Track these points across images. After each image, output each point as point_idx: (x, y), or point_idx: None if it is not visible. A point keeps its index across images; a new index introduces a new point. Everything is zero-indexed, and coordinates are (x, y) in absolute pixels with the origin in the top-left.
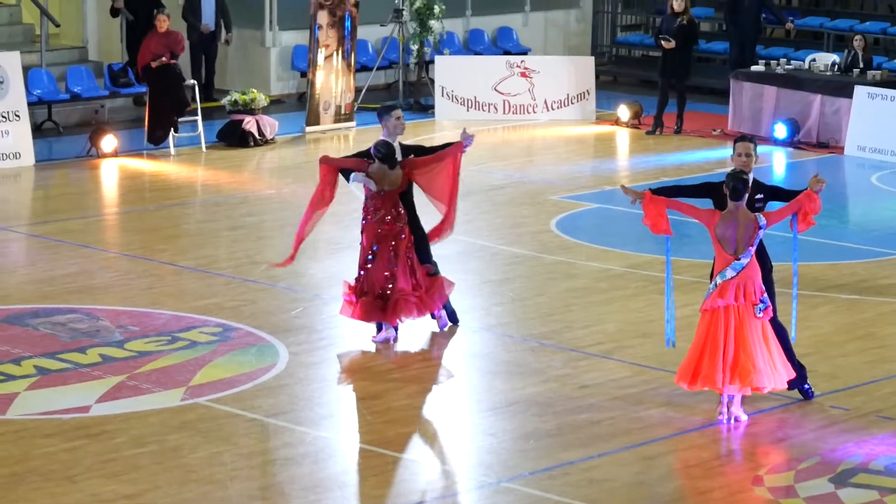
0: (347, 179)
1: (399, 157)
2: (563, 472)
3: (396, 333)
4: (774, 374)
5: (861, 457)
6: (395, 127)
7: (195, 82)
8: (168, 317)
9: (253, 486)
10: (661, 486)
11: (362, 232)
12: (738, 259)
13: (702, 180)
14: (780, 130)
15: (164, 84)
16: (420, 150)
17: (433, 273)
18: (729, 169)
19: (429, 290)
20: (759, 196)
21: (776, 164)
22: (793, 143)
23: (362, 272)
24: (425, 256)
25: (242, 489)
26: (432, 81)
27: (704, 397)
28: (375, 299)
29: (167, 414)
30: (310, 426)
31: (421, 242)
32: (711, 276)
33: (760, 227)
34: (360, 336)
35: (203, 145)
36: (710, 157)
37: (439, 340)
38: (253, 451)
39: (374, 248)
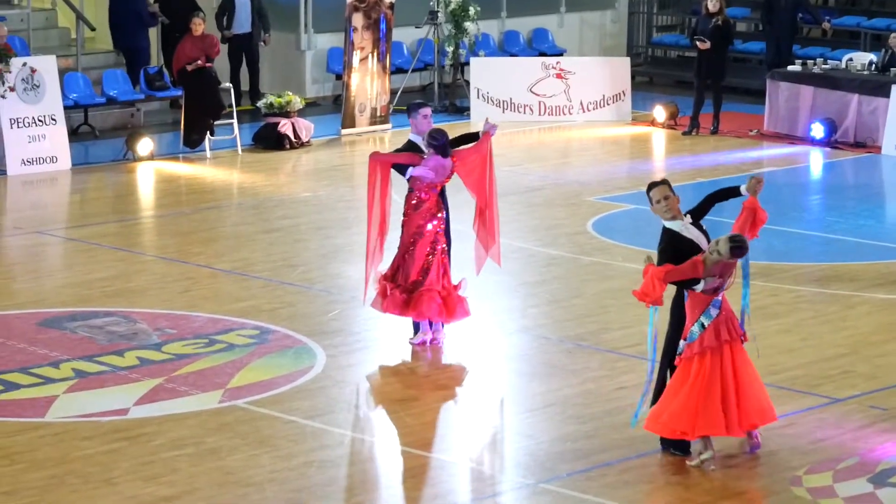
0: (402, 173)
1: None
2: (601, 474)
3: (437, 336)
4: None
5: None
6: (422, 124)
7: (231, 85)
8: (205, 319)
9: (291, 488)
10: (699, 487)
11: (402, 225)
12: (717, 296)
13: (735, 183)
14: (817, 130)
15: (199, 87)
16: (458, 140)
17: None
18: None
19: (455, 299)
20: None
21: (813, 165)
22: (830, 142)
23: (399, 262)
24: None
25: (280, 491)
26: (468, 83)
27: None
28: (402, 293)
29: (205, 416)
30: (347, 428)
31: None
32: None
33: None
34: (397, 338)
35: (239, 148)
36: (746, 158)
37: (476, 342)
38: (291, 453)
39: (414, 242)
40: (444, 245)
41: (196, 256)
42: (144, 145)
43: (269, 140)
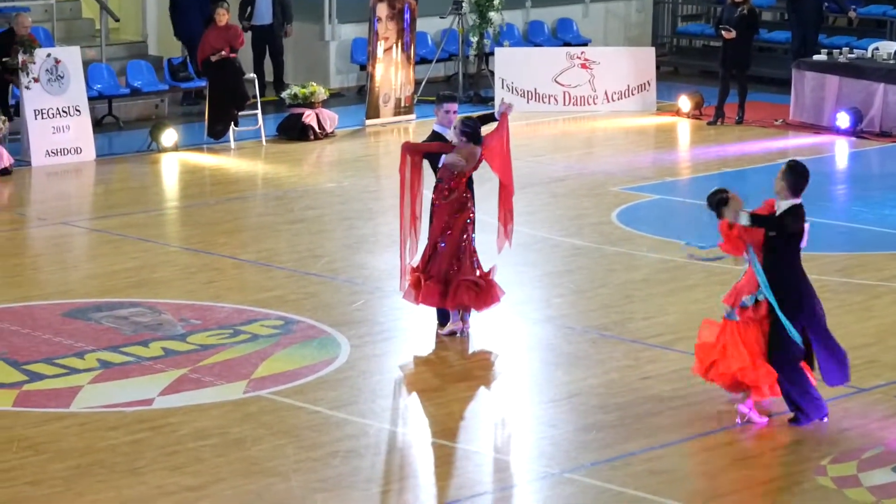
0: (435, 162)
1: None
2: (625, 463)
3: (465, 326)
4: None
5: None
6: (444, 119)
7: (255, 76)
8: (230, 310)
9: (315, 477)
10: (724, 477)
11: (432, 215)
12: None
13: (760, 171)
14: (843, 120)
15: (223, 78)
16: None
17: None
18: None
19: (488, 286)
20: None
21: (839, 154)
22: (855, 132)
23: (431, 252)
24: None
25: (305, 481)
26: (492, 73)
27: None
28: (437, 284)
29: (230, 407)
30: (372, 418)
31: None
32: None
33: None
34: (422, 327)
35: (263, 139)
36: (771, 148)
37: (500, 332)
38: (315, 443)
39: (445, 233)
40: (473, 234)
41: (220, 247)
42: (169, 136)
43: (294, 131)
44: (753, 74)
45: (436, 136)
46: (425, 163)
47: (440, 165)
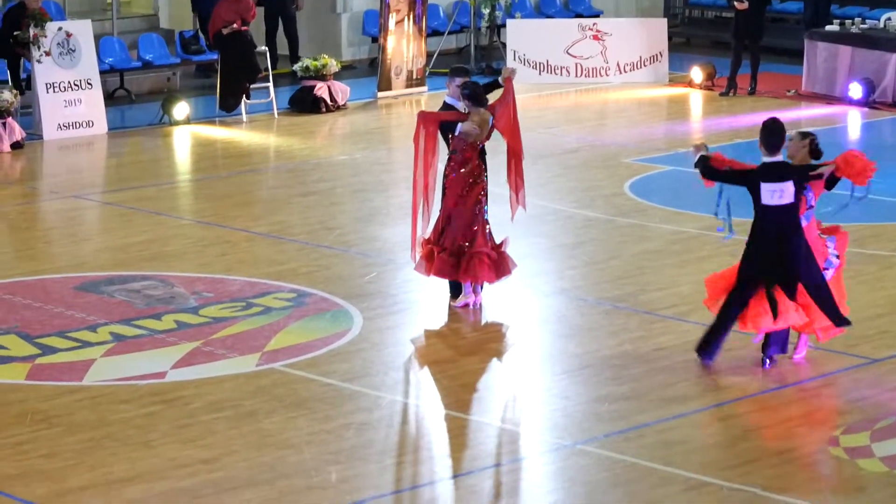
0: (446, 133)
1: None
2: (639, 435)
3: (477, 299)
4: None
5: None
6: (455, 93)
7: (266, 49)
8: (242, 283)
9: (328, 450)
10: (737, 447)
11: (445, 188)
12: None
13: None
14: (855, 90)
15: (235, 51)
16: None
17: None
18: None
19: (500, 258)
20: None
21: (851, 125)
22: (868, 102)
23: (444, 224)
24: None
25: (318, 453)
26: (504, 45)
27: (780, 359)
28: (450, 256)
29: (242, 379)
30: (385, 390)
31: None
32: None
33: None
34: (434, 300)
35: (275, 112)
36: (783, 119)
37: (513, 304)
38: (328, 415)
39: (458, 205)
40: (486, 206)
41: (233, 220)
42: (180, 109)
43: (305, 103)
44: (766, 45)
45: (447, 108)
46: (440, 135)
47: (455, 135)
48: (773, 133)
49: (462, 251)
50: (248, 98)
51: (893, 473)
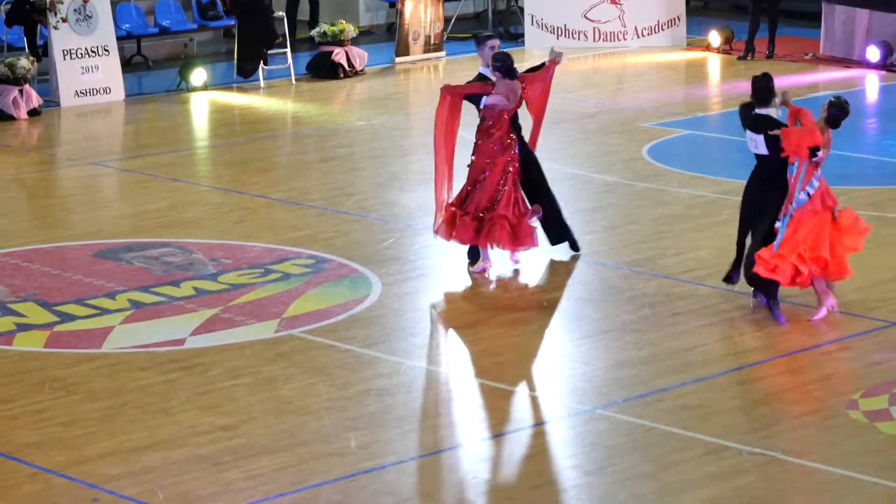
0: (476, 104)
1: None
2: (657, 399)
3: (487, 265)
4: None
5: None
6: (488, 57)
7: (284, 14)
8: (260, 249)
9: (348, 416)
10: (756, 412)
11: (474, 153)
12: (819, 170)
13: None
14: (873, 53)
15: (252, 16)
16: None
17: (539, 216)
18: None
19: (524, 227)
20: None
21: (869, 88)
22: (885, 65)
23: (469, 189)
24: (534, 194)
25: (337, 419)
26: (522, 10)
27: (798, 322)
28: (472, 220)
29: (261, 346)
30: (403, 356)
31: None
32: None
33: None
34: (453, 265)
35: (293, 77)
36: (801, 82)
37: (531, 270)
38: (347, 381)
39: (485, 171)
40: (516, 175)
41: (251, 186)
42: (198, 75)
43: (323, 69)
44: (783, 9)
45: (480, 78)
46: (465, 105)
47: (482, 106)
48: (758, 87)
49: (484, 216)
50: (265, 64)
51: None
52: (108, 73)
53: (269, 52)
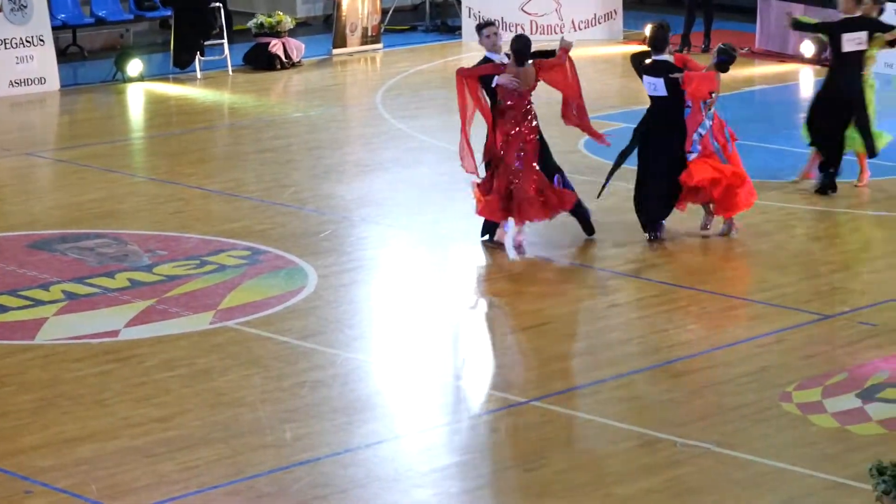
0: (487, 86)
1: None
2: (593, 391)
3: (519, 237)
4: None
5: (889, 372)
6: (486, 42)
7: (221, 5)
8: (196, 241)
9: (283, 408)
10: (691, 404)
11: (491, 132)
12: (711, 110)
13: (726, 98)
14: (807, 48)
15: (189, 7)
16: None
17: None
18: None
19: (554, 194)
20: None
21: (804, 83)
22: (820, 60)
23: (492, 173)
24: (551, 166)
25: (273, 411)
26: (459, 2)
27: (734, 315)
28: (501, 198)
29: (196, 337)
30: (340, 348)
31: (545, 153)
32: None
33: None
34: (389, 257)
35: (229, 69)
36: (737, 76)
37: (469, 262)
38: (283, 373)
39: (504, 149)
40: (531, 154)
41: (187, 177)
42: (134, 66)
43: (260, 60)
44: (719, 3)
45: (486, 61)
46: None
47: (493, 85)
48: (657, 36)
49: (510, 194)
50: (202, 55)
51: (845, 429)
52: (43, 63)
53: (206, 42)
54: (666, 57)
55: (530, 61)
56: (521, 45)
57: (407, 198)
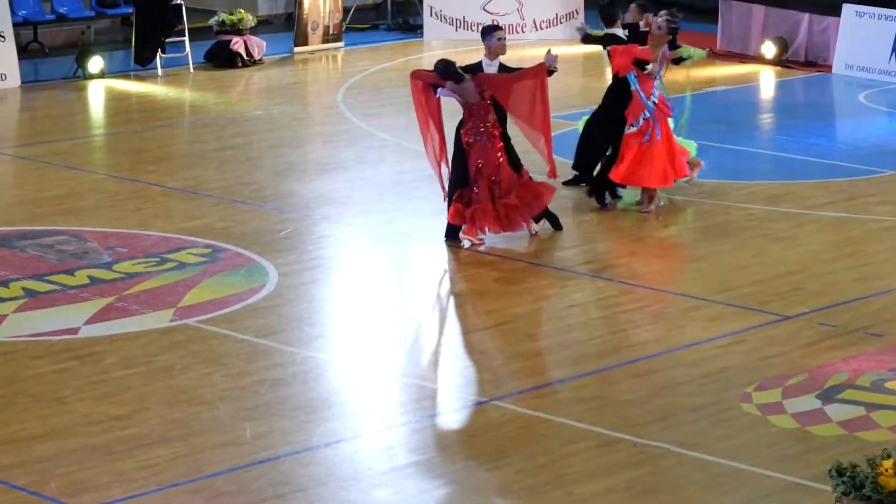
0: (435, 92)
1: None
2: (552, 391)
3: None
4: None
5: (848, 373)
6: (496, 47)
7: (182, 2)
8: (156, 238)
9: (243, 406)
10: (650, 404)
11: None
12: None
13: (687, 100)
14: (769, 49)
15: (150, 4)
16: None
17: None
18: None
19: (518, 204)
20: None
21: (764, 84)
22: (781, 61)
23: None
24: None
25: (232, 409)
26: (420, 1)
27: (694, 315)
28: (464, 206)
29: (156, 335)
30: (300, 346)
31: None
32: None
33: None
34: (350, 256)
35: (191, 66)
36: (698, 76)
37: (429, 261)
38: (243, 371)
39: (461, 157)
40: (498, 162)
41: (147, 175)
42: (95, 63)
43: (221, 58)
44: (681, 3)
45: (478, 67)
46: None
47: (436, 96)
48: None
49: (470, 202)
50: (163, 52)
51: (804, 430)
52: (4, 59)
53: (168, 40)
54: (615, 30)
55: (467, 76)
56: (444, 69)
57: (368, 196)
